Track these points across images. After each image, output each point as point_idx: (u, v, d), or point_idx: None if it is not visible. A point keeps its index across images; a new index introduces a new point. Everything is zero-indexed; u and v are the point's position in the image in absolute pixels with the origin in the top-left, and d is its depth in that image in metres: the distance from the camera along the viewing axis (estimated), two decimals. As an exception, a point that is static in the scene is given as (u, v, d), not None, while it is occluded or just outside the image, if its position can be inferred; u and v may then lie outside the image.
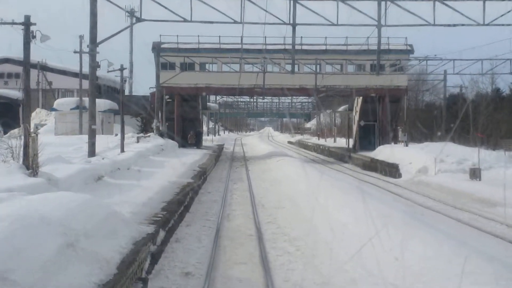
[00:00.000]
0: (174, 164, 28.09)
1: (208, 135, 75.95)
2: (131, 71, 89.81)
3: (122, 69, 27.19)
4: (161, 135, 39.87)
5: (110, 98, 59.68)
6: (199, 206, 19.65)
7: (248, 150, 64.08)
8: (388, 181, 29.65)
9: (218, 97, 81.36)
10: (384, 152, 37.07)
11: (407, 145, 38.62)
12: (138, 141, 32.32)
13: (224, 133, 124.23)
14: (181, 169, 25.87)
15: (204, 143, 57.59)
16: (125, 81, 32.80)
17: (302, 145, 79.86)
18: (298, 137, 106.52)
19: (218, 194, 23.03)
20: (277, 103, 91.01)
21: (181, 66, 44.83)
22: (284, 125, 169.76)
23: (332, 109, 73.67)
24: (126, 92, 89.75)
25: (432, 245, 10.31)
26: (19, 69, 77.74)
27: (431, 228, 12.47)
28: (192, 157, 34.27)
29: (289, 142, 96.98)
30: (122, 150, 27.03)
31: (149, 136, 35.97)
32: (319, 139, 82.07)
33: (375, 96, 45.08)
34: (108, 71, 28.09)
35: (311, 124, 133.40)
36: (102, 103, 45.41)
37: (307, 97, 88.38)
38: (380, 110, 46.16)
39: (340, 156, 49.06)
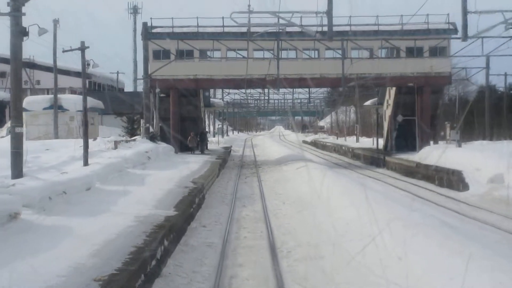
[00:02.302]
0: (158, 180, 20.30)
1: (214, 136, 68.03)
2: (135, 71, 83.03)
3: (83, 48, 19.29)
4: (153, 138, 32.10)
5: (105, 97, 51.90)
6: (182, 258, 11.81)
7: (260, 152, 56.17)
8: (454, 197, 21.59)
9: (224, 94, 73.55)
10: (433, 155, 29.00)
11: (460, 146, 30.58)
12: (115, 147, 24.55)
13: (233, 133, 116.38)
14: (166, 188, 18.05)
15: (209, 146, 49.75)
16: (89, 64, 25.01)
17: (319, 145, 71.91)
18: (312, 136, 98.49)
19: (217, 229, 15.16)
20: (291, 99, 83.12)
21: (177, 54, 36.94)
22: (296, 123, 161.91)
23: (352, 104, 65.67)
24: (130, 89, 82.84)
25: None
26: (5, 67, 70.64)
27: None
28: (189, 167, 26.47)
29: (304, 142, 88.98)
30: (86, 163, 19.27)
31: (134, 140, 28.20)
32: (337, 138, 73.99)
33: (414, 85, 37.03)
34: (63, 51, 20.23)
35: (325, 122, 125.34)
36: (81, 100, 37.30)
37: (322, 91, 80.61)
38: (419, 103, 38.12)
39: (370, 159, 41.04)
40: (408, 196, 21.40)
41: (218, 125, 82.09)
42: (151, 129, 32.35)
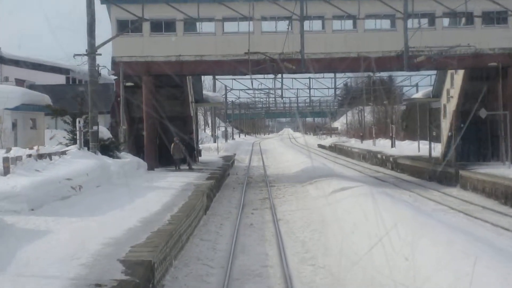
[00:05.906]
0: (45, 256, 8.76)
1: (215, 141, 56.46)
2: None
3: None
4: (109, 148, 20.71)
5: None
6: None
7: (271, 162, 44.54)
8: None
9: (228, 90, 62.02)
10: None
11: None
12: (6, 172, 13.02)
13: (239, 136, 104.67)
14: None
15: (205, 156, 38.28)
16: None
17: (341, 151, 60.11)
18: (329, 139, 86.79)
19: None
20: (308, 96, 71.55)
21: (152, 25, 25.45)
22: (307, 125, 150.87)
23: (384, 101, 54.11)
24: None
25: None
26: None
27: None
28: (150, 203, 14.85)
29: (320, 146, 77.39)
30: None
31: (64, 153, 16.79)
32: (362, 142, 62.17)
33: (498, 66, 25.44)
34: None
35: (341, 123, 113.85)
36: (8, 94, 25.32)
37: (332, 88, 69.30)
38: (502, 92, 26.53)
39: (427, 172, 29.41)
40: None
41: (219, 126, 70.28)
42: (105, 134, 20.93)
